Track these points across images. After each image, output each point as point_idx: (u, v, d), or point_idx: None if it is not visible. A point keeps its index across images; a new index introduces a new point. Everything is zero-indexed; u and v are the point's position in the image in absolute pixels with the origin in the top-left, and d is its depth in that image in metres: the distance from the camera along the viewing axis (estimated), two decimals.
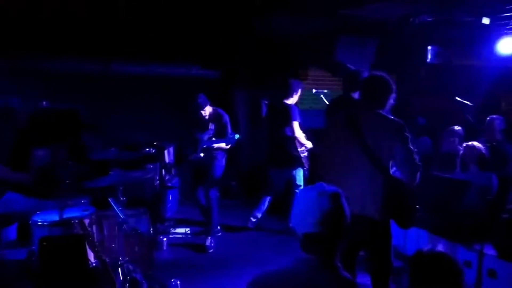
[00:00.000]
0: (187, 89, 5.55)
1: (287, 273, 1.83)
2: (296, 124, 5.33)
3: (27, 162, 4.62)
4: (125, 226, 3.74)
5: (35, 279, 3.29)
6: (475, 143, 4.65)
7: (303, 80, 7.43)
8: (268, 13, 5.78)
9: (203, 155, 5.18)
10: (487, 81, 6.98)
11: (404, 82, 6.71)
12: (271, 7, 5.52)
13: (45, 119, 5.60)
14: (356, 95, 4.54)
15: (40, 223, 3.54)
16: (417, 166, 3.07)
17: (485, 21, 5.28)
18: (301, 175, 5.58)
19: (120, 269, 3.64)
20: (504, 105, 7.81)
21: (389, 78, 3.25)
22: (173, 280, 3.95)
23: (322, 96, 5.94)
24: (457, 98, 6.12)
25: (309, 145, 5.51)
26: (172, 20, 5.93)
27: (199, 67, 7.26)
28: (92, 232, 3.76)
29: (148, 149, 5.74)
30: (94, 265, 3.49)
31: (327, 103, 5.41)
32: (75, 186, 4.35)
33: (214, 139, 5.15)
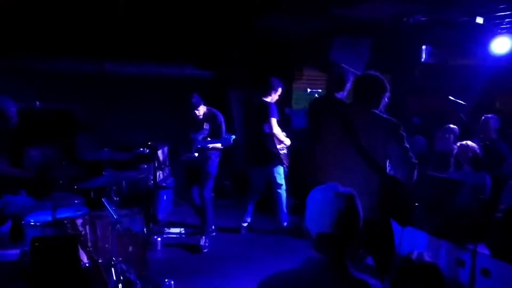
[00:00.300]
0: (182, 89, 5.53)
1: (286, 273, 1.83)
2: (274, 120, 5.33)
3: (21, 162, 4.60)
4: (118, 226, 3.73)
5: (28, 279, 3.27)
6: (469, 142, 4.66)
7: (298, 79, 7.46)
8: (264, 13, 5.77)
9: (197, 155, 5.17)
10: (481, 80, 7.00)
11: (398, 82, 6.73)
12: (268, 7, 5.51)
13: (38, 119, 5.58)
14: (339, 95, 4.54)
15: (32, 224, 3.52)
16: (413, 164, 3.07)
17: (479, 20, 5.30)
18: (281, 173, 5.59)
19: (113, 269, 3.63)
20: (498, 104, 7.83)
21: (383, 77, 3.25)
22: (167, 280, 3.95)
23: (316, 95, 5.96)
24: (450, 97, 6.14)
25: (288, 142, 5.52)
26: (167, 20, 5.92)
27: (194, 67, 7.25)
28: (85, 232, 3.75)
29: (142, 149, 5.73)
30: (86, 265, 3.47)
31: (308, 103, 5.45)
32: (69, 186, 4.34)
33: (209, 139, 5.15)
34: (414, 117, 7.62)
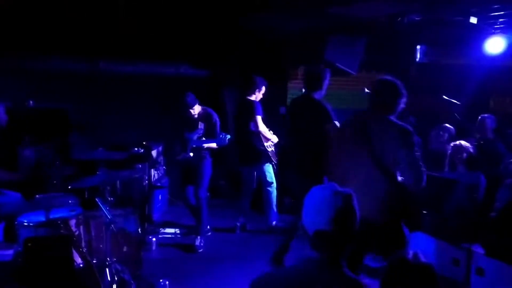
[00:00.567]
0: (177, 89, 5.51)
1: (279, 272, 1.83)
2: (259, 118, 5.33)
3: (14, 162, 4.57)
4: (113, 226, 3.70)
5: (21, 280, 3.25)
6: (462, 142, 4.66)
7: (293, 79, 7.44)
8: (259, 12, 5.76)
9: (192, 155, 5.16)
10: (476, 80, 7.02)
11: None
12: (262, 6, 5.50)
13: (31, 118, 5.54)
14: (317, 95, 4.37)
15: (26, 224, 3.50)
16: (422, 172, 3.09)
17: (473, 20, 5.31)
18: (271, 171, 5.59)
19: (108, 269, 3.61)
20: (492, 103, 7.86)
21: (398, 81, 3.25)
22: (162, 280, 3.93)
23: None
24: (444, 96, 6.16)
25: (275, 139, 5.53)
26: (162, 19, 5.89)
27: (189, 66, 7.23)
28: (79, 232, 3.73)
29: (136, 149, 5.71)
30: (80, 266, 3.45)
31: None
32: (62, 186, 4.32)
33: (204, 138, 5.13)
34: (409, 116, 7.63)
